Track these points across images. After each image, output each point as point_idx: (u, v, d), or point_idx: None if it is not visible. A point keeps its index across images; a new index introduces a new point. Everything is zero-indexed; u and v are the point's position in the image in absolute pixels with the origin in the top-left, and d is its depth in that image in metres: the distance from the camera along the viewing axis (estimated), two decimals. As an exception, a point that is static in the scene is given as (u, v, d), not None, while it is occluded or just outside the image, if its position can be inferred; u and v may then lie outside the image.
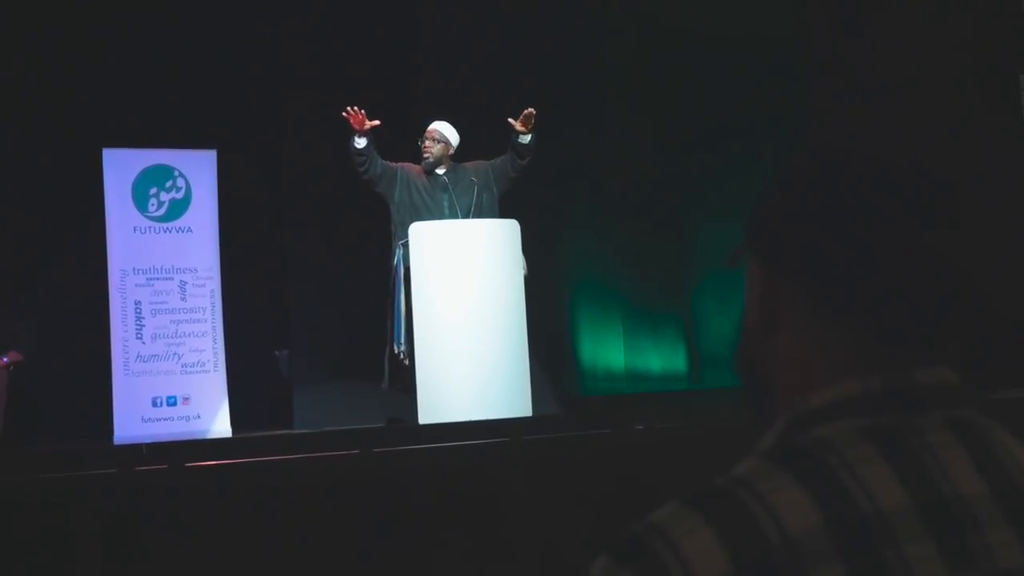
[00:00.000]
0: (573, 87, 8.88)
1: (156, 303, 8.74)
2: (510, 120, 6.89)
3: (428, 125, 7.13)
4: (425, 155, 7.01)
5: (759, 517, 0.92)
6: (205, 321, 8.84)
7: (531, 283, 6.63)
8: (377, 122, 6.89)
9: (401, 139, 7.21)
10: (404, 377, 6.67)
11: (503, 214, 6.90)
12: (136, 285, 8.71)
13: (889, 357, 1.00)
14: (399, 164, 7.03)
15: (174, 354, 8.73)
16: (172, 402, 8.69)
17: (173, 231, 8.87)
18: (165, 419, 8.61)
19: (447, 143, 7.05)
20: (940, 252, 0.99)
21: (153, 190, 8.85)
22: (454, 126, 7.15)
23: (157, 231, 8.83)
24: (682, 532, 0.92)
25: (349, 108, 6.86)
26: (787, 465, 0.95)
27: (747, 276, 1.09)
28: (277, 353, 9.57)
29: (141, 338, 8.67)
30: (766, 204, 1.07)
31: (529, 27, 8.90)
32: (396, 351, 6.72)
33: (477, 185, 6.96)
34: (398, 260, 6.79)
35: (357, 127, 6.84)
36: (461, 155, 7.16)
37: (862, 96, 6.55)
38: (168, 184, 8.90)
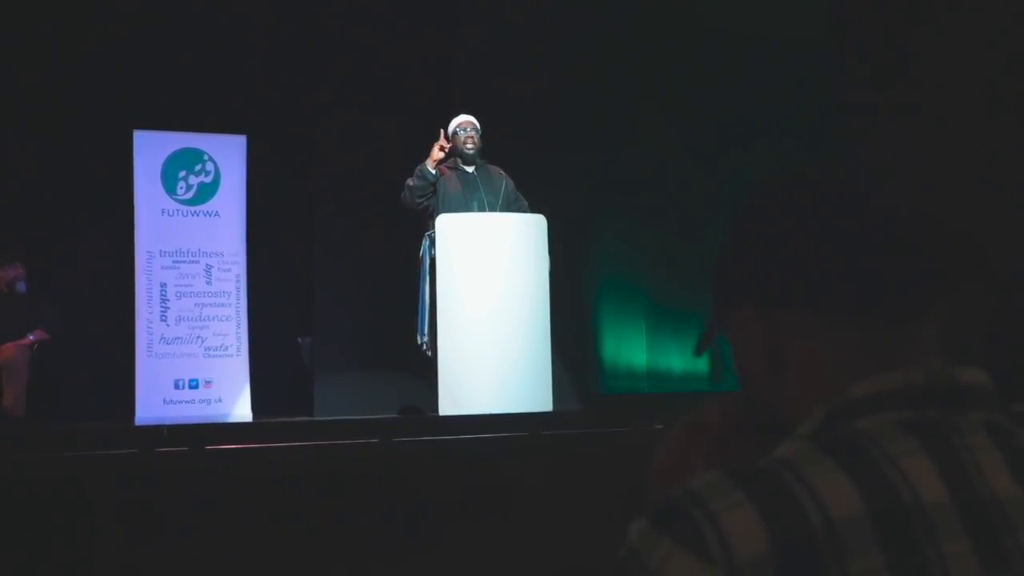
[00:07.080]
0: (602, 89, 8.87)
1: (181, 286, 8.78)
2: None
3: (455, 117, 7.10)
4: (469, 147, 6.98)
5: (802, 499, 0.92)
6: (229, 305, 8.88)
7: (555, 279, 6.62)
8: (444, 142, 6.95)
9: (429, 134, 7.19)
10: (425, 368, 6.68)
11: (531, 211, 6.89)
12: (162, 267, 8.75)
13: (913, 351, 1.01)
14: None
15: (197, 337, 8.77)
16: (194, 385, 8.73)
17: (201, 215, 8.91)
18: (186, 402, 8.65)
19: (481, 135, 7.05)
20: (925, 229, 1.02)
21: (182, 173, 8.89)
22: (485, 130, 7.14)
23: (185, 214, 8.87)
24: (724, 506, 0.92)
25: (443, 142, 6.87)
26: (831, 451, 0.95)
27: (732, 333, 1.10)
28: (299, 340, 9.59)
29: (165, 320, 8.72)
30: (741, 252, 1.09)
31: (560, 30, 8.89)
32: (419, 342, 6.72)
33: (504, 179, 6.97)
34: (424, 251, 6.78)
35: (441, 155, 6.86)
36: (490, 157, 7.15)
37: (892, 100, 6.51)
38: (197, 168, 8.94)
